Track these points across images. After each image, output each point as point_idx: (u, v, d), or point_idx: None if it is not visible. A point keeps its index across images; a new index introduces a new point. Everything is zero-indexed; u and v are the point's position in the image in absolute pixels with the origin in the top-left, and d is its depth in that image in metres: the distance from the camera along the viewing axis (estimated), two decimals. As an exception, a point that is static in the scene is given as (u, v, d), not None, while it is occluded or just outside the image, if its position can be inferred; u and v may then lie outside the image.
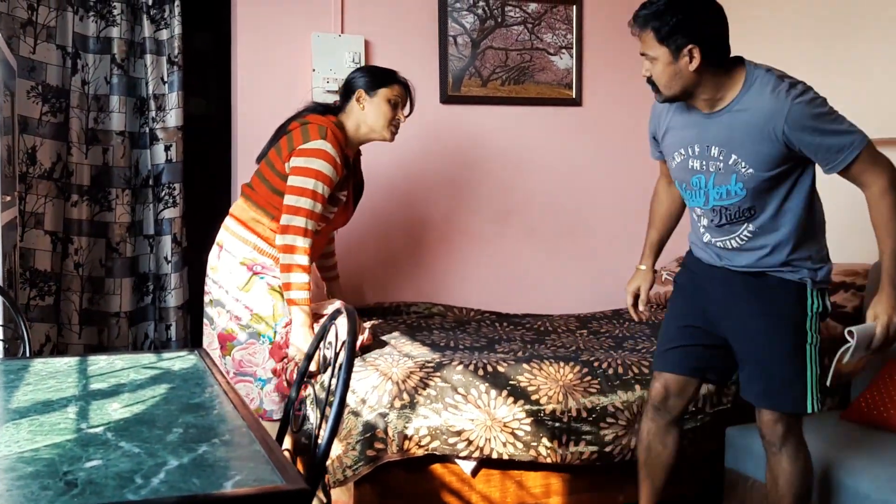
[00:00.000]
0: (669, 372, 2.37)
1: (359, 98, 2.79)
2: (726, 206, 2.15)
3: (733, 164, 2.08)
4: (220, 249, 2.78)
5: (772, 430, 2.21)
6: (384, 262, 3.69)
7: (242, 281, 2.70)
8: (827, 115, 2.01)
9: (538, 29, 3.83)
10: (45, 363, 1.98)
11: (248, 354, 2.69)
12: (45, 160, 3.20)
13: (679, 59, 2.01)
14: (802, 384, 2.15)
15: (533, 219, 3.90)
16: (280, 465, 1.29)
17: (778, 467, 2.22)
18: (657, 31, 2.00)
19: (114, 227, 3.36)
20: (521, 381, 2.64)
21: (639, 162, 4.06)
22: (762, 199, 2.11)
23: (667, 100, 2.15)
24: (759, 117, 2.01)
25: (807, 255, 2.17)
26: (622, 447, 2.66)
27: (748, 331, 2.22)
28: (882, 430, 2.61)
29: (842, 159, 2.01)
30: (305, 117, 2.76)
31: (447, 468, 2.60)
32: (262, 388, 2.69)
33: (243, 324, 2.69)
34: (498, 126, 3.80)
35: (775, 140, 2.01)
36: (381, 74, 2.83)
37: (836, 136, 2.00)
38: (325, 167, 2.65)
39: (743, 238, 2.18)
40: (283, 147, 2.71)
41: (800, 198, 2.13)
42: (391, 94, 2.80)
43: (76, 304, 3.29)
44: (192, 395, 1.70)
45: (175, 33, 3.34)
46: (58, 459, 1.30)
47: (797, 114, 1.97)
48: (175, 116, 3.37)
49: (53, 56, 3.22)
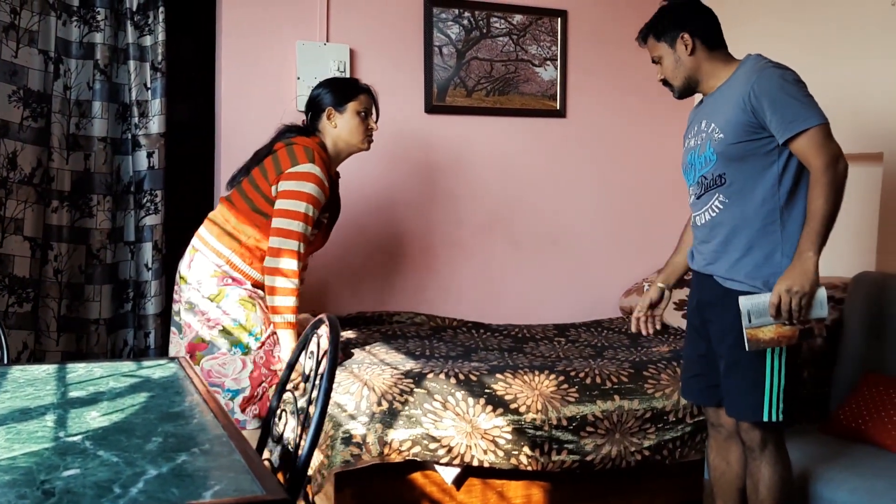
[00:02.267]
0: (696, 403, 2.51)
1: (329, 116, 2.81)
2: (705, 175, 2.28)
3: (711, 131, 2.25)
4: (192, 258, 2.77)
5: (749, 437, 2.26)
6: (367, 271, 3.69)
7: (213, 292, 2.70)
8: (792, 85, 2.13)
9: (523, 40, 3.85)
10: (23, 370, 1.95)
11: (217, 365, 2.68)
12: (26, 165, 3.17)
13: (676, 48, 2.30)
14: (760, 393, 2.18)
15: (516, 230, 3.91)
16: (260, 474, 1.28)
17: (758, 473, 2.26)
18: (655, 32, 2.33)
19: (94, 233, 3.33)
20: (497, 390, 2.64)
21: (622, 174, 4.09)
22: (732, 168, 2.21)
23: (680, 93, 2.36)
24: (737, 86, 2.20)
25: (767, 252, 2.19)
26: (603, 456, 2.67)
27: (722, 342, 2.27)
28: (859, 442, 2.63)
29: (793, 127, 2.10)
30: (290, 138, 2.77)
31: (428, 477, 2.59)
32: (231, 398, 2.67)
33: (213, 334, 2.68)
34: (482, 137, 3.81)
35: (743, 106, 2.16)
36: (345, 88, 2.84)
37: (793, 106, 2.10)
38: (315, 190, 2.67)
39: (714, 209, 2.26)
40: (270, 169, 2.72)
41: (771, 181, 2.18)
42: (359, 106, 2.83)
43: (55, 310, 3.25)
44: (172, 403, 1.69)
45: (159, 39, 3.33)
46: (35, 468, 1.29)
47: (764, 78, 2.14)
48: (158, 123, 3.35)
49: (36, 60, 3.19)
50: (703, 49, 2.29)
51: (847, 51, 3.27)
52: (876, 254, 3.15)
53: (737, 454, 2.42)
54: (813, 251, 2.07)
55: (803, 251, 2.08)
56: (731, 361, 2.25)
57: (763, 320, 2.12)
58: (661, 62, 2.34)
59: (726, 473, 2.44)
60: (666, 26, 2.30)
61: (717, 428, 2.44)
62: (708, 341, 2.35)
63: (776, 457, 2.24)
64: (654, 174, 4.11)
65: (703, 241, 2.33)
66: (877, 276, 2.93)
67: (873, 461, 2.49)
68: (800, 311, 2.07)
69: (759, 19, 3.68)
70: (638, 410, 2.74)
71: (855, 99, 3.22)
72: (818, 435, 2.73)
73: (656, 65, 2.36)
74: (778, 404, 2.17)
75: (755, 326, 2.13)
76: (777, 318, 2.10)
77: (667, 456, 2.76)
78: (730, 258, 2.24)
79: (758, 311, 2.12)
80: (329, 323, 1.77)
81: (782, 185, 2.18)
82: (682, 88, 2.34)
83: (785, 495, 2.25)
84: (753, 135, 2.16)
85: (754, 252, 2.20)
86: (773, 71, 2.16)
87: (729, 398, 2.28)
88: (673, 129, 4.11)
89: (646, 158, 4.10)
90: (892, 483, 2.33)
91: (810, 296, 2.07)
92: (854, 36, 3.25)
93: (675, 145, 4.15)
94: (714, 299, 2.29)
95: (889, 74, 3.11)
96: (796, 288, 2.06)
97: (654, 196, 4.12)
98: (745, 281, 2.20)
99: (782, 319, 2.09)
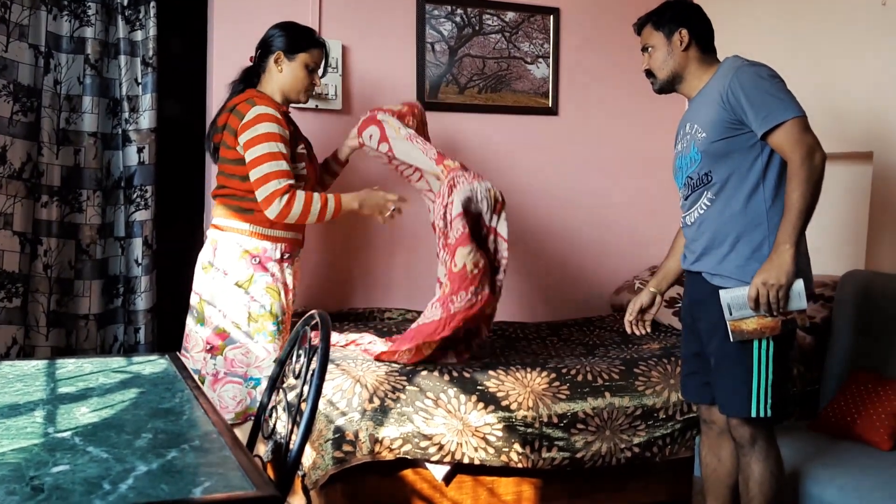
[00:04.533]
0: (692, 401, 2.53)
1: (277, 59, 2.76)
2: (691, 176, 2.31)
3: (695, 132, 2.28)
4: (214, 247, 2.72)
5: (739, 433, 2.27)
6: (358, 267, 3.68)
7: (243, 277, 2.66)
8: (767, 81, 2.17)
9: (515, 38, 3.85)
10: (12, 366, 1.95)
11: (241, 354, 2.66)
12: (15, 160, 3.16)
13: (671, 40, 2.34)
14: (747, 389, 2.20)
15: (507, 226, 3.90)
16: (250, 471, 1.28)
17: (748, 469, 2.27)
18: (655, 21, 2.38)
19: (84, 228, 3.32)
20: (489, 387, 2.64)
21: (613, 172, 4.09)
22: (716, 165, 2.23)
23: (661, 87, 2.40)
24: (716, 85, 2.25)
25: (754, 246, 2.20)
26: (593, 453, 2.68)
27: (711, 339, 2.29)
28: (848, 439, 2.65)
29: (768, 121, 2.13)
30: (228, 104, 2.75)
31: (418, 474, 2.60)
32: (254, 387, 2.66)
33: (239, 322, 2.65)
34: (474, 133, 3.81)
35: (721, 104, 2.19)
36: (301, 36, 2.79)
37: (770, 100, 2.14)
38: (270, 126, 2.63)
39: (702, 208, 2.29)
40: (230, 140, 2.69)
41: (755, 176, 2.20)
42: (310, 59, 2.78)
43: (44, 305, 3.24)
44: (163, 399, 1.68)
45: (150, 34, 3.32)
46: (24, 464, 1.28)
47: (742, 74, 2.19)
48: (148, 118, 3.34)
49: (26, 55, 3.18)
50: (696, 48, 2.34)
51: (837, 50, 3.28)
52: (865, 252, 3.17)
53: (728, 451, 2.43)
54: (790, 244, 2.09)
55: (780, 244, 2.10)
56: (719, 358, 2.27)
57: (743, 313, 2.15)
58: (651, 52, 2.38)
59: (717, 470, 2.46)
60: (668, 18, 2.35)
61: (710, 425, 2.45)
62: (700, 339, 2.36)
63: (766, 452, 2.26)
64: (645, 172, 4.12)
65: (692, 240, 2.35)
66: (866, 275, 2.95)
67: (862, 458, 2.50)
68: (777, 303, 2.09)
69: (747, 18, 3.69)
70: (628, 408, 2.75)
71: (845, 99, 3.23)
72: (807, 432, 2.75)
73: (644, 53, 2.40)
74: (766, 400, 2.19)
75: (737, 319, 2.16)
76: (756, 311, 2.13)
77: (657, 453, 2.77)
78: (718, 253, 2.25)
79: (737, 304, 2.16)
80: (320, 319, 1.77)
81: (766, 180, 2.20)
82: (665, 82, 2.38)
83: (775, 492, 2.26)
84: (735, 131, 2.19)
85: (741, 246, 2.22)
86: (748, 68, 2.21)
87: (719, 395, 2.30)
88: (664, 127, 4.12)
89: (637, 157, 4.10)
90: (880, 480, 2.34)
91: (787, 288, 2.09)
92: (844, 35, 3.26)
93: (666, 144, 4.15)
94: (703, 297, 2.30)
95: (879, 74, 3.12)
96: (772, 281, 2.08)
97: (644, 194, 4.13)
98: (732, 276, 2.22)
99: (762, 312, 2.12)
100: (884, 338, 2.80)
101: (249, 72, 2.86)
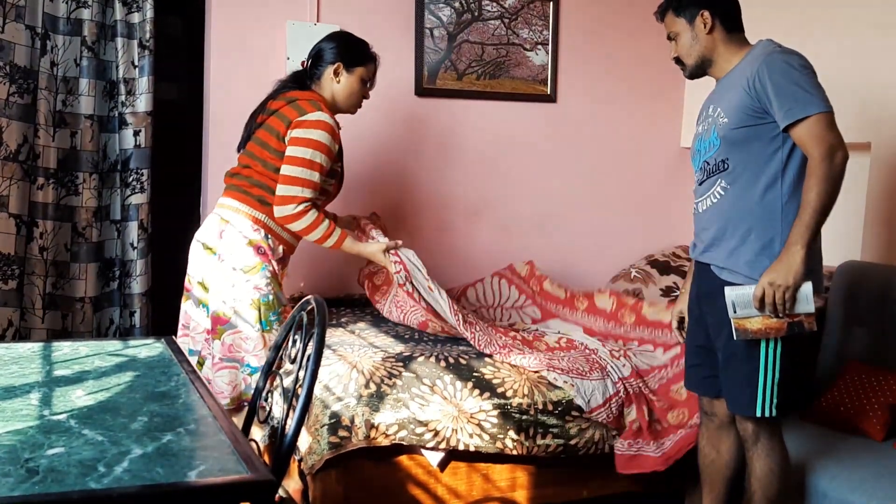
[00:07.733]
0: (695, 392, 2.48)
1: (336, 71, 2.79)
2: (708, 161, 2.25)
3: (717, 115, 2.22)
4: (222, 229, 2.69)
5: (743, 429, 2.27)
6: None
7: (249, 264, 2.65)
8: (797, 71, 2.10)
9: (515, 24, 3.83)
10: (8, 348, 1.95)
11: (239, 339, 2.65)
12: (11, 142, 3.14)
13: (694, 25, 2.28)
14: (753, 387, 2.17)
15: (505, 214, 3.91)
16: (245, 455, 1.28)
17: (751, 465, 2.27)
18: (675, 7, 2.31)
19: (80, 211, 3.31)
20: (485, 374, 2.65)
21: (611, 159, 4.09)
22: (735, 153, 2.17)
23: (691, 73, 2.35)
24: (744, 70, 2.18)
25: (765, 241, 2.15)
26: (587, 440, 2.69)
27: (719, 334, 2.26)
28: (841, 430, 2.66)
29: (792, 114, 2.06)
30: (288, 94, 2.75)
31: (413, 460, 2.60)
32: (250, 374, 2.65)
33: (239, 308, 2.64)
34: (472, 120, 3.80)
35: (747, 89, 2.13)
36: (360, 50, 2.83)
37: (797, 92, 2.07)
38: (325, 137, 2.65)
39: (716, 196, 2.23)
40: (278, 125, 2.69)
41: (774, 169, 2.14)
42: (366, 73, 2.84)
43: (40, 288, 3.24)
44: (158, 383, 1.69)
45: (147, 17, 3.30)
46: (19, 446, 1.28)
47: (770, 63, 2.12)
48: (145, 101, 3.32)
49: (22, 36, 3.16)
50: (721, 30, 2.27)
51: (835, 41, 3.27)
52: (861, 243, 3.17)
53: (728, 444, 2.42)
54: (801, 244, 2.03)
55: (791, 244, 2.04)
56: (727, 354, 2.23)
57: (748, 311, 2.10)
58: (676, 39, 2.32)
59: (716, 461, 2.45)
60: (688, 2, 2.28)
61: (710, 417, 2.43)
62: (706, 332, 2.33)
63: (768, 450, 2.24)
64: (643, 160, 4.11)
65: (703, 229, 2.29)
66: (861, 265, 2.95)
67: (854, 449, 2.51)
68: (784, 304, 2.05)
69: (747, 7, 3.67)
70: (623, 396, 2.76)
71: (843, 89, 3.22)
72: (800, 423, 2.75)
73: (671, 41, 2.35)
74: (771, 399, 2.16)
75: (741, 317, 2.12)
76: (761, 311, 2.08)
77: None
78: (728, 245, 2.20)
79: (742, 302, 2.10)
80: (316, 304, 1.77)
81: (786, 174, 2.14)
82: (694, 68, 2.32)
83: (777, 489, 2.24)
84: (758, 119, 2.13)
85: (752, 240, 2.16)
86: (779, 56, 2.13)
87: (726, 391, 2.28)
88: (663, 114, 4.11)
89: (635, 144, 4.10)
90: (872, 471, 2.36)
91: (794, 290, 2.04)
92: (842, 26, 3.26)
93: (665, 131, 4.17)
94: (711, 291, 2.26)
95: (877, 64, 3.11)
96: (780, 282, 2.03)
97: (642, 182, 4.12)
98: (741, 272, 2.17)
99: (767, 312, 2.08)
100: (878, 329, 2.81)
101: (299, 75, 2.87)
